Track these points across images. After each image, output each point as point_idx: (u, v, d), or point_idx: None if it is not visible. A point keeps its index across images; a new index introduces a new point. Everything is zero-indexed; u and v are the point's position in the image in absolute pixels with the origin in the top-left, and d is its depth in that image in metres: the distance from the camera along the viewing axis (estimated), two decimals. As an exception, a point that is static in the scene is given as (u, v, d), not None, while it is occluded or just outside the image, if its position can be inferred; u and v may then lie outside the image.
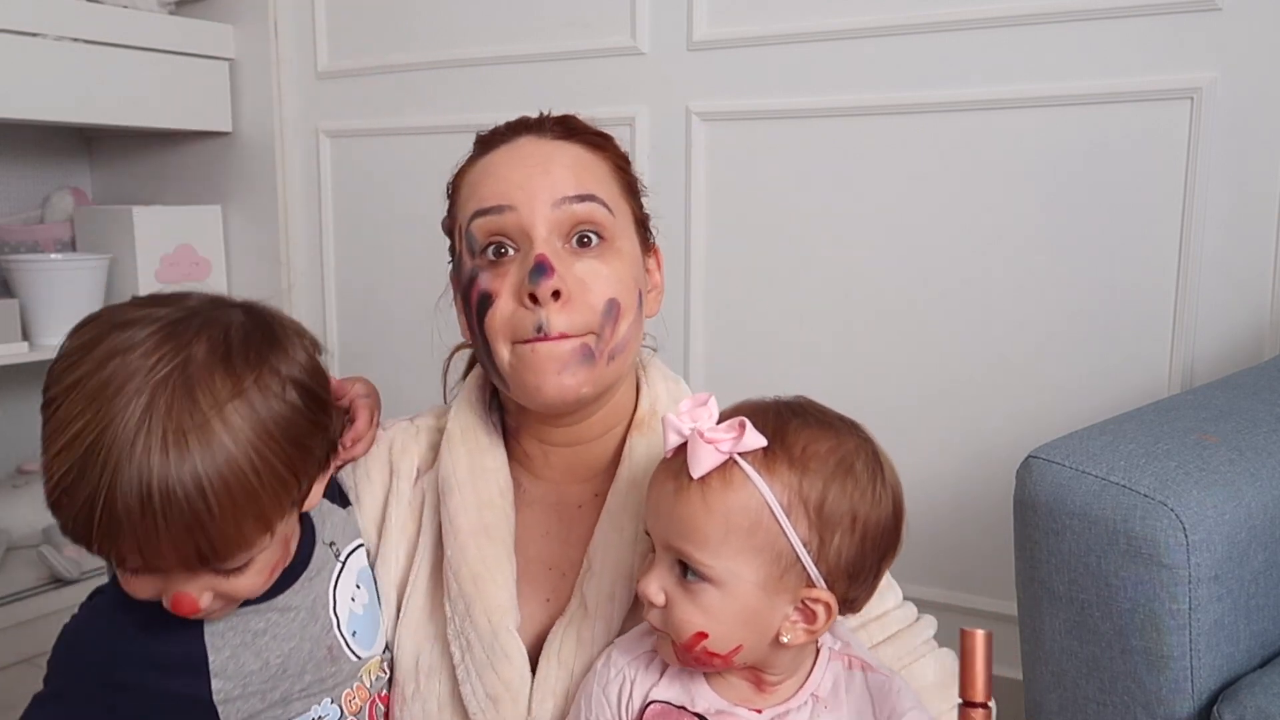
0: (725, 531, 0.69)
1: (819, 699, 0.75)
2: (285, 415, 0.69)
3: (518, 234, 0.82)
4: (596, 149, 0.87)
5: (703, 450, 0.69)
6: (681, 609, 0.71)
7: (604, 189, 0.85)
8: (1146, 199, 1.44)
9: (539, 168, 0.83)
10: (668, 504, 0.71)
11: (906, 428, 1.64)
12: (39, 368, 2.26)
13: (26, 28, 1.83)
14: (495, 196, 0.82)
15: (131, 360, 0.65)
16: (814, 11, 1.64)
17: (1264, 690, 0.84)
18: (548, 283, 0.79)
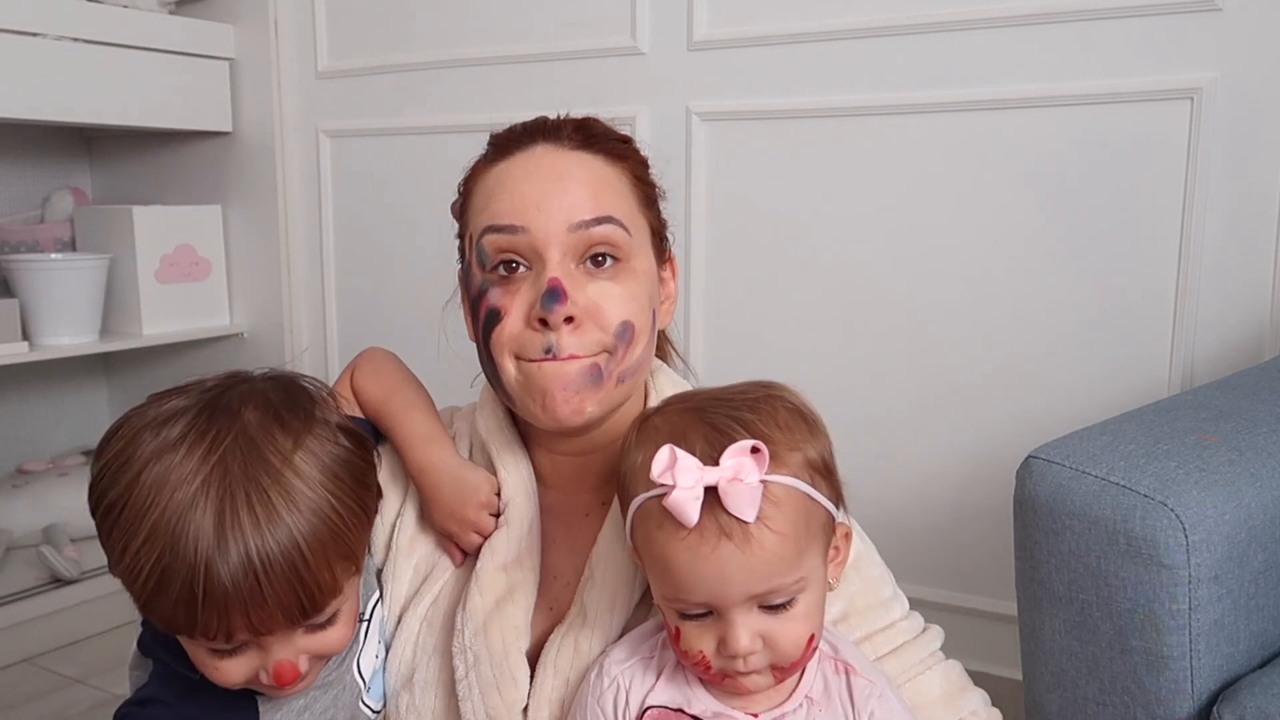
0: (797, 543, 0.69)
1: (813, 701, 0.75)
2: (344, 457, 0.72)
3: (530, 254, 0.80)
4: (616, 159, 0.84)
5: (746, 494, 0.67)
6: (785, 635, 0.70)
7: (622, 207, 0.82)
8: (1146, 199, 1.45)
9: (555, 186, 0.80)
10: (732, 564, 0.68)
11: (906, 428, 1.64)
12: (39, 368, 2.27)
13: (26, 28, 1.83)
14: (509, 214, 0.80)
15: (182, 446, 0.68)
16: (814, 11, 1.64)
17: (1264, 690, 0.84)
18: (560, 309, 0.78)
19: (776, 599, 0.69)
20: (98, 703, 1.68)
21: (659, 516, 0.69)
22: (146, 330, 2.08)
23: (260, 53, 2.13)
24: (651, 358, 0.86)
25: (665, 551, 0.69)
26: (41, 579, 1.90)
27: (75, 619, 1.89)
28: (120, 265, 2.06)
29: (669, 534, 0.69)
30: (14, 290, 1.96)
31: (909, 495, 1.65)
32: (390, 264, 2.09)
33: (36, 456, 2.30)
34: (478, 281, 0.83)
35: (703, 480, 0.67)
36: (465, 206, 0.87)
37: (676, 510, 0.67)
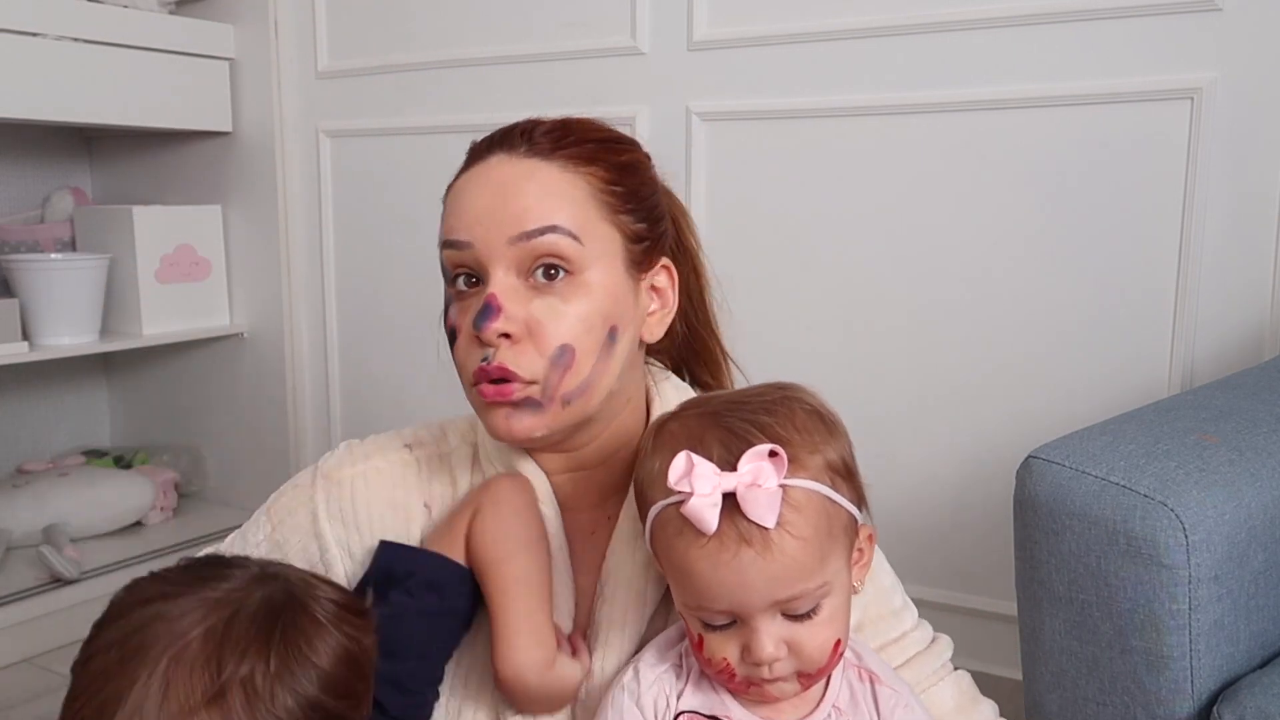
0: (819, 547, 0.69)
1: (840, 710, 0.75)
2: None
3: (478, 269, 0.78)
4: (579, 164, 0.80)
5: (765, 500, 0.66)
6: (810, 641, 0.70)
7: (573, 215, 0.78)
8: (1146, 199, 1.45)
9: (498, 198, 0.78)
10: (753, 571, 0.67)
11: (906, 428, 1.64)
12: (39, 368, 2.27)
13: (26, 28, 1.83)
14: (457, 229, 0.79)
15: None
16: (814, 11, 1.64)
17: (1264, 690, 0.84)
18: (491, 326, 0.76)
19: (801, 606, 0.69)
20: (98, 703, 1.68)
21: (678, 524, 0.68)
22: (146, 330, 2.08)
23: (260, 53, 2.13)
24: (615, 371, 0.81)
25: (685, 560, 0.68)
26: (41, 579, 1.90)
27: (75, 619, 1.89)
28: (120, 265, 2.06)
29: (688, 542, 0.68)
30: (14, 290, 1.96)
31: (909, 495, 1.65)
32: (390, 264, 2.08)
33: (36, 456, 2.30)
34: (446, 295, 0.82)
35: (720, 486, 0.66)
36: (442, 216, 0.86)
37: (694, 518, 0.66)
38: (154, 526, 2.18)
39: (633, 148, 0.86)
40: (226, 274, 2.22)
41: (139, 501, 2.14)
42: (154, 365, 2.34)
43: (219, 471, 2.31)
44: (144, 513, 2.16)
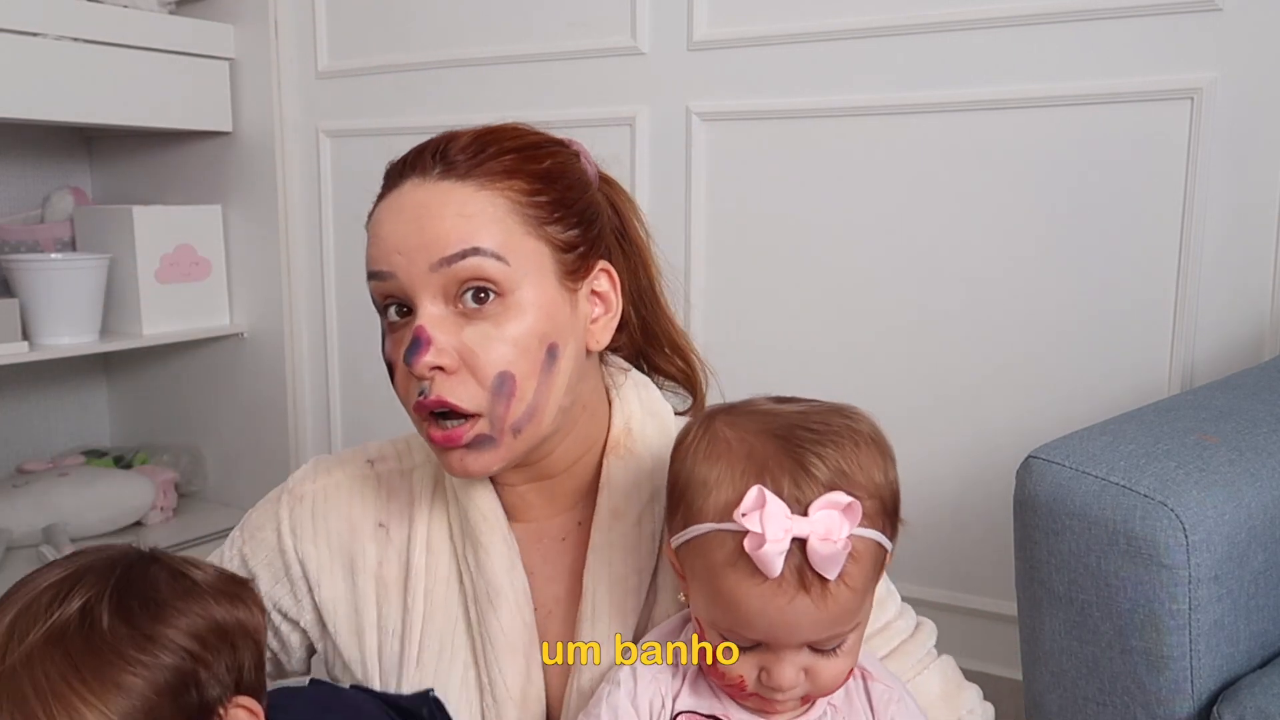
0: (865, 595, 0.68)
1: (835, 708, 0.75)
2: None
3: (405, 300, 0.76)
4: (497, 180, 0.77)
5: (835, 554, 0.64)
6: (828, 670, 0.70)
7: (493, 234, 0.75)
8: (1146, 199, 1.44)
9: (414, 225, 0.75)
10: (804, 617, 0.66)
11: (906, 428, 1.64)
12: (39, 368, 2.27)
13: (26, 28, 1.83)
14: (378, 259, 0.77)
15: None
16: (814, 11, 1.64)
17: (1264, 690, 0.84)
18: (422, 360, 0.73)
19: (831, 644, 0.69)
20: (98, 703, 1.68)
21: (732, 554, 0.66)
22: (146, 330, 2.08)
23: (260, 53, 2.13)
24: (561, 386, 0.78)
25: (735, 592, 0.67)
26: (41, 579, 1.90)
27: (75, 619, 1.89)
28: (120, 265, 2.06)
29: (741, 576, 0.66)
30: (14, 290, 1.96)
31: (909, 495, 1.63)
32: (390, 264, 2.08)
33: (36, 456, 2.30)
34: (381, 328, 0.80)
35: (791, 532, 0.64)
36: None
37: (762, 562, 0.64)
38: (154, 526, 2.18)
39: (556, 150, 0.83)
40: (226, 274, 2.22)
41: (139, 501, 2.14)
42: (154, 365, 2.34)
43: (219, 471, 2.31)
44: (144, 513, 2.16)
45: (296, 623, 0.90)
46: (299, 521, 0.88)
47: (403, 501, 0.88)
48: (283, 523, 0.89)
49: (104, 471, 2.18)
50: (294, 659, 0.93)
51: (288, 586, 0.89)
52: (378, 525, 0.87)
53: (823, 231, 1.67)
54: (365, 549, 0.87)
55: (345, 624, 0.87)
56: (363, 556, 0.87)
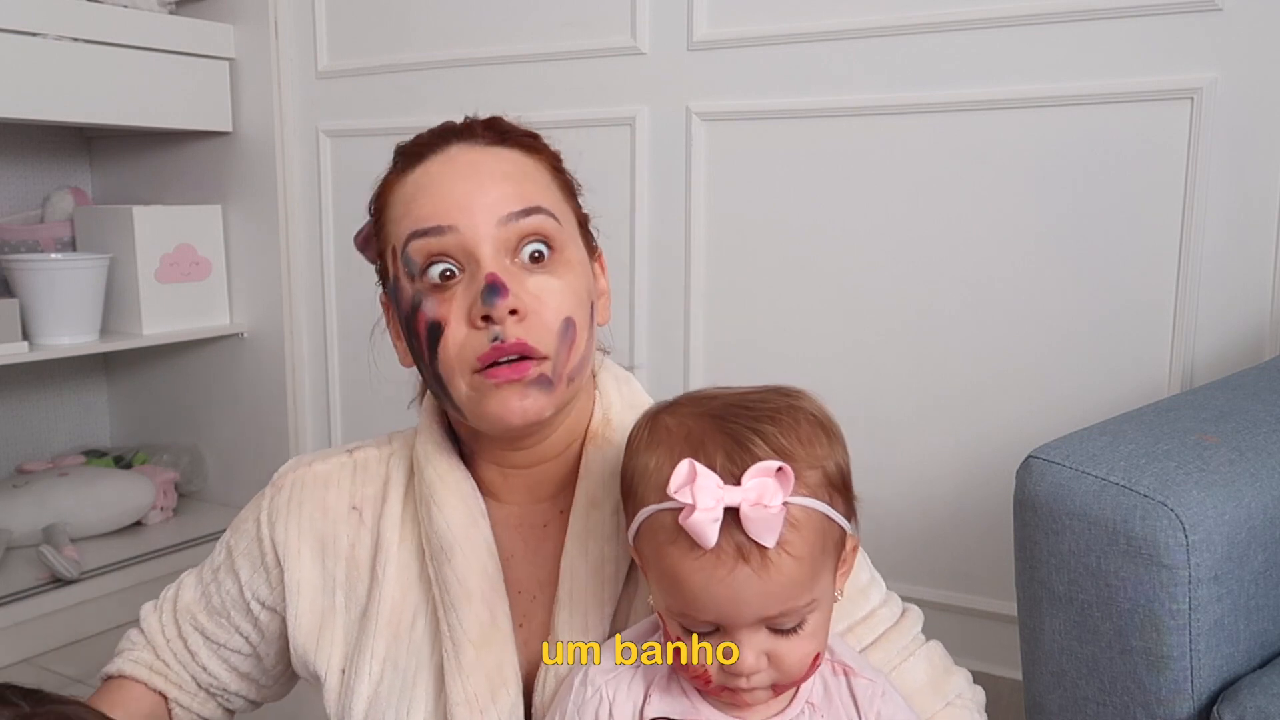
0: (813, 565, 0.68)
1: (814, 706, 0.74)
2: None
3: (461, 255, 0.77)
4: (532, 151, 0.82)
5: (768, 520, 0.64)
6: (791, 654, 0.69)
7: (548, 197, 0.80)
8: (1146, 199, 1.45)
9: (477, 182, 0.78)
10: (747, 588, 0.66)
11: (906, 428, 1.64)
12: (39, 368, 2.27)
13: (26, 28, 1.83)
14: (434, 216, 0.77)
15: None
16: (814, 11, 1.64)
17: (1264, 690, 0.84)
18: (503, 302, 0.74)
19: (787, 622, 0.68)
20: (98, 703, 1.68)
21: (672, 532, 0.67)
22: (146, 330, 2.08)
23: (260, 53, 2.13)
24: (594, 351, 0.84)
25: (677, 569, 0.67)
26: (41, 579, 1.90)
27: (75, 619, 1.89)
28: (120, 265, 2.06)
29: (682, 551, 0.66)
30: (14, 290, 1.96)
31: (909, 495, 1.65)
32: (390, 264, 2.08)
33: (36, 456, 2.30)
34: (409, 295, 0.79)
35: (723, 501, 0.64)
36: (381, 222, 0.83)
37: (695, 532, 0.64)
38: (154, 526, 2.18)
39: (549, 142, 0.87)
40: (226, 274, 2.22)
41: (139, 501, 2.14)
42: (154, 365, 2.34)
43: (219, 471, 2.31)
44: (144, 513, 2.16)
45: (275, 610, 0.91)
46: (276, 508, 0.90)
47: (377, 484, 0.89)
48: (262, 512, 0.91)
49: (104, 471, 2.18)
50: (272, 651, 0.94)
51: (264, 574, 0.91)
52: (351, 508, 0.89)
53: (822, 231, 1.68)
54: (338, 532, 0.88)
55: (308, 606, 0.88)
56: (334, 540, 0.88)
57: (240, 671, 0.95)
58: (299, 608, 0.88)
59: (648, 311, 1.83)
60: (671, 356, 1.82)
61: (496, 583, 0.83)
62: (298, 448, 2.20)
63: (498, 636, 0.81)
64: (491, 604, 0.82)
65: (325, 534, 0.88)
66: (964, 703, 0.85)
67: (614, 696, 0.74)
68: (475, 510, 0.84)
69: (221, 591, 0.93)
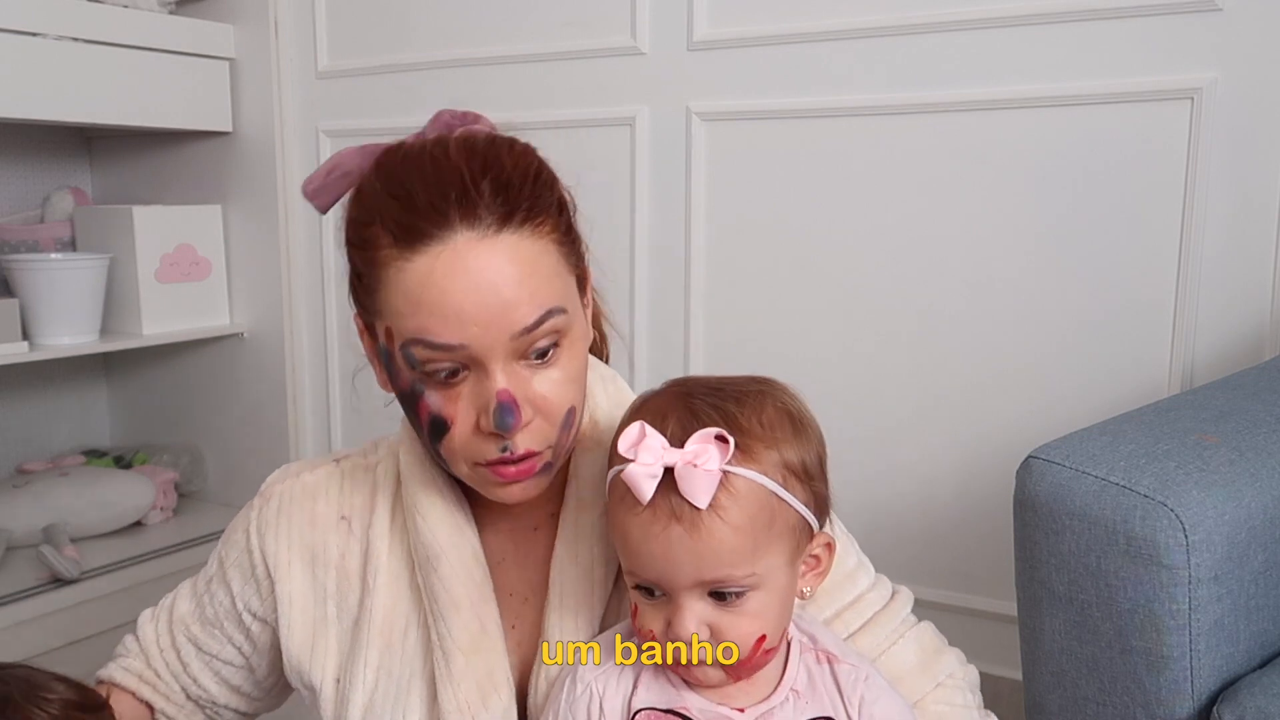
0: (753, 538, 0.69)
1: (798, 693, 0.75)
2: None
3: (470, 363, 0.74)
4: (538, 220, 0.75)
5: (700, 480, 0.67)
6: (732, 629, 0.70)
7: (557, 288, 0.75)
8: (1146, 199, 1.45)
9: (492, 294, 0.72)
10: (680, 547, 0.68)
11: (906, 428, 1.64)
12: (39, 367, 2.27)
13: (26, 28, 1.83)
14: (444, 332, 0.72)
15: None
16: (814, 11, 1.64)
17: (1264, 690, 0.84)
18: (519, 426, 0.74)
19: (726, 589, 0.70)
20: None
21: (621, 490, 0.70)
22: (146, 330, 2.08)
23: (260, 53, 2.13)
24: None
25: (623, 526, 0.71)
26: (41, 579, 1.90)
27: (75, 619, 1.89)
28: (120, 265, 2.06)
29: (627, 508, 0.70)
30: (14, 290, 1.96)
31: (909, 495, 1.65)
32: (390, 264, 2.08)
33: (36, 456, 2.30)
34: (407, 379, 0.77)
35: (662, 460, 0.68)
36: (373, 290, 0.76)
37: (632, 484, 0.68)
38: (154, 526, 2.18)
39: (530, 155, 0.80)
40: (226, 274, 2.22)
41: (139, 501, 2.14)
42: (154, 365, 2.34)
43: (219, 471, 2.31)
44: (144, 513, 2.16)
45: (266, 622, 0.91)
46: (265, 520, 0.90)
47: (365, 494, 0.89)
48: (251, 523, 0.91)
49: (104, 471, 2.18)
50: (264, 662, 0.94)
51: (254, 586, 0.91)
52: (340, 519, 0.89)
53: (822, 231, 1.68)
54: (327, 542, 0.88)
55: (300, 617, 0.87)
56: (324, 550, 0.88)
57: (231, 685, 0.95)
58: (291, 619, 0.88)
59: (648, 311, 1.83)
60: (671, 356, 1.82)
61: (485, 590, 0.83)
62: (297, 447, 2.20)
63: (487, 643, 0.81)
64: (480, 611, 0.82)
65: (315, 545, 0.88)
66: (955, 682, 0.85)
67: (603, 691, 0.75)
68: (460, 518, 0.84)
69: (214, 602, 0.93)
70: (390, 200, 0.76)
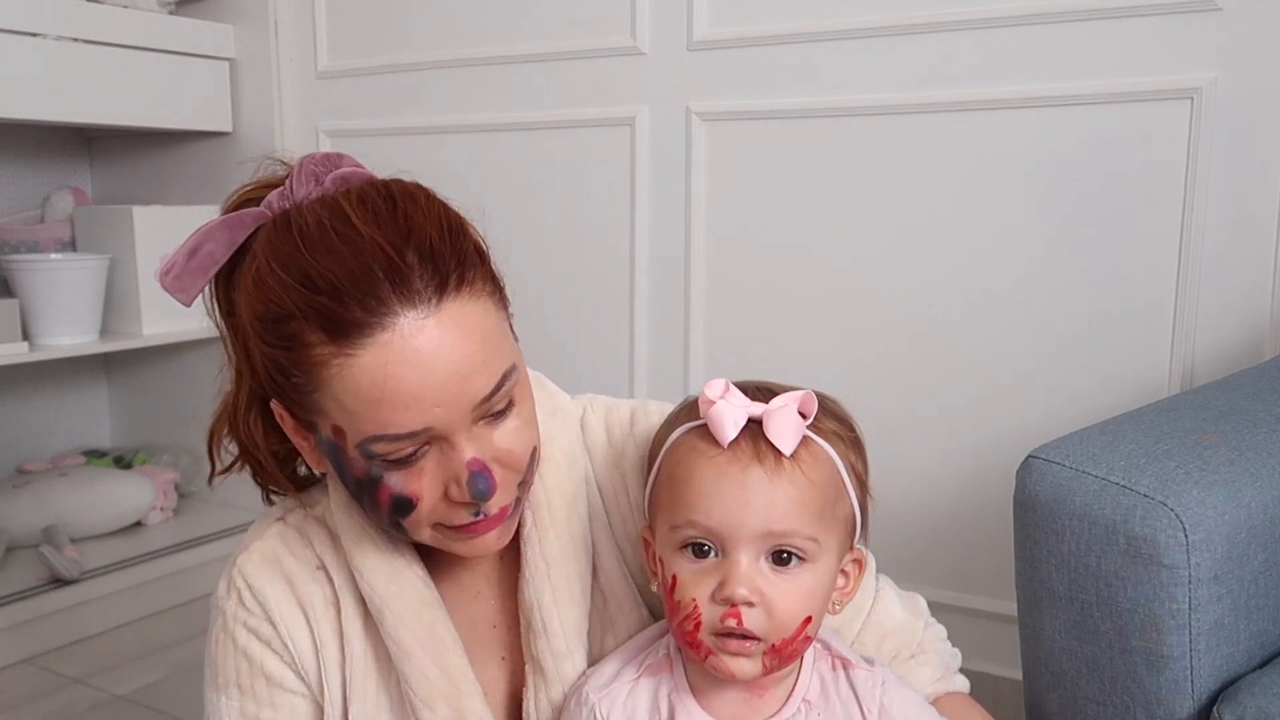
0: (822, 504, 0.70)
1: (810, 704, 0.74)
2: None
3: (433, 439, 0.71)
4: (469, 279, 0.71)
5: (789, 424, 0.68)
6: (784, 599, 0.68)
7: (505, 345, 0.73)
8: (1146, 199, 1.44)
9: (449, 372, 0.68)
10: (756, 491, 0.67)
11: (907, 427, 1.64)
12: (39, 368, 2.27)
13: (26, 28, 1.83)
14: (406, 423, 0.69)
15: None
16: (814, 11, 1.64)
17: (1264, 690, 0.84)
18: (496, 493, 0.73)
19: (789, 547, 0.68)
20: (97, 703, 1.68)
21: (692, 440, 0.70)
22: (146, 330, 2.08)
23: (260, 53, 2.13)
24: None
25: (691, 471, 0.69)
26: (41, 579, 1.90)
27: (75, 619, 1.89)
28: (120, 265, 2.06)
29: (700, 453, 0.70)
30: (14, 290, 1.96)
31: (909, 495, 1.65)
32: (390, 264, 2.08)
33: (36, 456, 2.30)
34: (361, 468, 0.72)
35: (749, 410, 0.69)
36: (308, 391, 0.71)
37: (715, 424, 0.68)
38: (154, 526, 2.18)
39: (433, 203, 0.75)
40: (226, 274, 2.22)
41: (139, 501, 2.14)
42: (154, 365, 2.34)
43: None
44: (144, 513, 2.16)
45: (304, 695, 0.84)
46: (249, 612, 0.82)
47: (324, 540, 0.84)
48: (238, 637, 0.82)
49: (104, 471, 2.18)
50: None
51: (297, 676, 0.83)
52: (315, 569, 0.83)
53: (822, 231, 1.68)
54: (311, 594, 0.83)
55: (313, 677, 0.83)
56: (312, 604, 0.82)
57: None
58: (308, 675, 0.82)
59: (648, 311, 1.83)
60: (671, 356, 1.82)
61: (440, 634, 0.79)
62: (298, 448, 2.20)
63: (451, 689, 0.78)
64: (438, 658, 0.79)
65: (302, 600, 0.82)
66: (930, 617, 0.90)
67: (609, 711, 0.74)
68: (399, 563, 0.80)
69: (279, 716, 0.82)
70: (306, 293, 0.69)
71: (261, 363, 0.76)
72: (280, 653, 0.82)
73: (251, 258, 0.78)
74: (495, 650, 0.84)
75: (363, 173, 0.80)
